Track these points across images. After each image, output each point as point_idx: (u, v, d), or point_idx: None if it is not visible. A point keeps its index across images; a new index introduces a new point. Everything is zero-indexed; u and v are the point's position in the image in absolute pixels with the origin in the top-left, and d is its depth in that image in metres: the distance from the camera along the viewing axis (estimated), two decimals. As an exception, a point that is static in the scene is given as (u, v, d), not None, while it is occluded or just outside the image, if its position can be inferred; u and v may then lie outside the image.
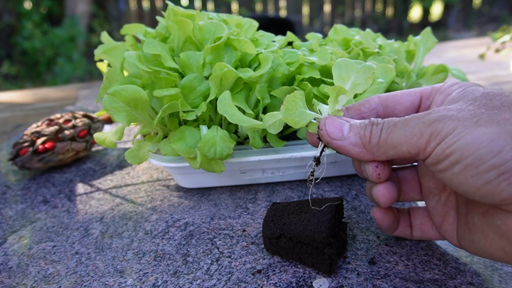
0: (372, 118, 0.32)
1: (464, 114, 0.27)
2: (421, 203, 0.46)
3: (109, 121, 0.72)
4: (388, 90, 0.52)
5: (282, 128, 0.37)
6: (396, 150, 0.30)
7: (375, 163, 0.33)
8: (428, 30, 0.59)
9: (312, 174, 0.35)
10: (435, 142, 0.27)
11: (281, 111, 0.33)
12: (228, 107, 0.41)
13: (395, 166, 0.40)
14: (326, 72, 0.48)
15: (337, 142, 0.32)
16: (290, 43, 0.62)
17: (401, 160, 0.38)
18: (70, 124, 0.64)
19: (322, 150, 0.35)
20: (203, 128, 0.45)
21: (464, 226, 0.32)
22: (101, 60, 0.59)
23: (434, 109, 0.29)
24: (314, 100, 0.36)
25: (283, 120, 0.35)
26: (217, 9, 4.01)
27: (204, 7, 4.01)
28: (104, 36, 0.56)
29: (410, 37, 0.59)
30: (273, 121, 0.36)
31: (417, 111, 0.35)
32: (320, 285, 0.35)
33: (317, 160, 0.35)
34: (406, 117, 0.30)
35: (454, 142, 0.26)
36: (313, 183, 0.35)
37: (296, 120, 0.33)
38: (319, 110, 0.35)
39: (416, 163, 0.39)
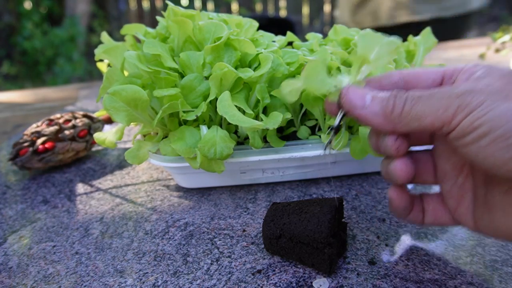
0: (396, 90, 0.31)
1: (492, 89, 0.27)
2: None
3: (109, 121, 0.72)
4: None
5: (298, 97, 0.35)
6: (420, 122, 0.29)
7: (394, 135, 0.32)
8: (428, 30, 0.59)
9: (330, 142, 0.34)
10: (462, 114, 0.27)
11: (301, 78, 0.32)
12: (227, 107, 0.41)
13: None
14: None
15: (359, 111, 0.31)
16: (290, 43, 0.62)
17: (419, 139, 0.37)
18: (70, 124, 0.64)
19: (342, 119, 0.34)
20: (203, 128, 0.45)
21: (482, 207, 0.31)
22: (101, 60, 0.59)
23: (462, 83, 0.29)
24: (334, 70, 0.34)
25: (301, 87, 0.34)
26: (217, 9, 4.01)
27: (204, 7, 4.01)
28: (104, 36, 0.56)
29: (410, 37, 0.59)
30: (290, 89, 0.34)
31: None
32: (320, 285, 0.35)
33: (336, 129, 0.34)
34: (432, 89, 0.30)
35: (483, 115, 0.26)
36: (329, 151, 0.34)
37: (316, 86, 0.33)
38: (340, 80, 0.34)
39: (431, 146, 0.38)
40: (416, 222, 0.37)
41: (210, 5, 4.04)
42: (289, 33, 0.61)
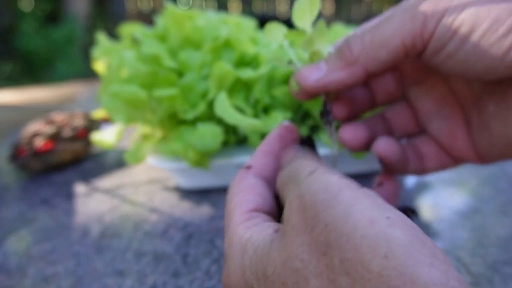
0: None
1: None
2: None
3: (108, 121, 0.71)
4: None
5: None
6: (388, 47, 0.25)
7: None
8: None
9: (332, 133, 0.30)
10: (433, 20, 0.23)
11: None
12: (225, 108, 0.41)
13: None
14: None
15: (322, 80, 0.27)
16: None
17: (386, 83, 0.33)
18: (69, 124, 0.64)
19: (325, 103, 0.30)
20: (200, 126, 0.45)
21: (480, 129, 0.29)
22: (99, 61, 0.59)
23: None
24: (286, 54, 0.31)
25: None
26: (216, 9, 4.01)
27: (203, 6, 4.01)
28: (100, 36, 0.56)
29: None
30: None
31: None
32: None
33: (322, 115, 0.30)
34: (389, 12, 0.26)
35: (460, 12, 0.22)
36: (336, 143, 0.30)
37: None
38: (293, 63, 0.30)
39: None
40: (417, 172, 0.33)
41: (210, 5, 4.04)
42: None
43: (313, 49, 0.29)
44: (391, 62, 0.26)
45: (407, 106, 0.33)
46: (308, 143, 0.30)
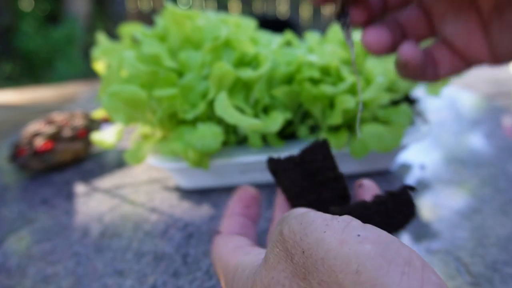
0: None
1: None
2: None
3: (108, 121, 0.71)
4: (388, 91, 0.51)
5: None
6: None
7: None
8: None
9: (348, 33, 0.28)
10: None
11: None
12: (225, 108, 0.41)
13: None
14: (326, 72, 0.48)
15: None
16: (289, 43, 0.62)
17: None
18: (69, 124, 0.64)
19: (345, 14, 0.29)
20: (200, 126, 0.45)
21: (502, 28, 0.28)
22: (99, 61, 0.59)
23: None
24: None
25: None
26: (216, 9, 4.01)
27: (203, 6, 4.01)
28: (100, 36, 0.56)
29: None
30: None
31: None
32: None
33: (339, 17, 0.28)
34: None
35: None
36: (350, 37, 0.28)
37: None
38: None
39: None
40: (433, 78, 0.33)
41: (210, 5, 4.04)
42: (288, 33, 0.61)
43: None
44: None
45: (421, 10, 0.32)
46: (323, 147, 0.30)
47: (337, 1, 0.28)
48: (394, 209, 0.26)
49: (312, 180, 0.30)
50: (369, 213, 0.26)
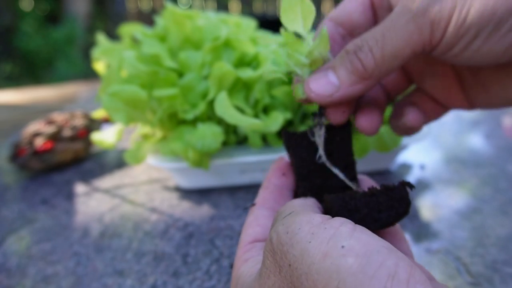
0: (347, 46, 0.27)
1: None
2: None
3: (107, 120, 0.71)
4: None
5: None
6: (400, 58, 0.26)
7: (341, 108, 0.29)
8: None
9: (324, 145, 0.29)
10: (439, 29, 0.24)
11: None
12: (225, 108, 0.41)
13: None
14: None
15: (337, 94, 0.27)
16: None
17: (395, 86, 0.34)
18: (69, 124, 0.64)
19: (321, 113, 0.29)
20: (200, 126, 0.45)
21: (475, 87, 0.30)
22: (99, 61, 0.59)
23: None
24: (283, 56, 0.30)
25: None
26: (217, 9, 4.01)
27: (203, 7, 4.01)
28: (100, 37, 0.56)
29: None
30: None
31: (373, 8, 0.31)
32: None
33: (315, 116, 0.29)
34: (387, 20, 0.26)
35: (463, 20, 0.23)
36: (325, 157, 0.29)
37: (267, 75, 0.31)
38: (292, 69, 0.29)
39: None
40: (414, 125, 0.33)
41: (210, 5, 4.04)
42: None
43: (313, 56, 0.28)
44: (402, 65, 0.28)
45: (401, 71, 0.34)
46: (344, 129, 0.30)
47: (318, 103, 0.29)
48: (386, 204, 0.25)
49: (321, 163, 0.30)
50: (357, 205, 0.25)
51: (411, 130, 0.33)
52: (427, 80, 0.33)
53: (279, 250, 0.20)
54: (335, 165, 0.30)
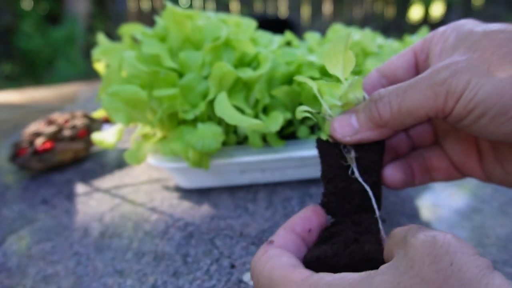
0: (373, 93, 0.30)
1: (473, 63, 0.26)
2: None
3: (108, 121, 0.71)
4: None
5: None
6: (414, 117, 0.28)
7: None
8: (424, 29, 0.58)
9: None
10: (452, 100, 0.26)
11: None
12: (225, 108, 0.41)
13: None
14: (326, 72, 0.48)
15: (355, 137, 0.31)
16: (288, 43, 0.62)
17: (422, 139, 0.37)
18: (69, 124, 0.64)
19: (345, 147, 0.32)
20: (200, 126, 0.45)
21: (492, 161, 0.31)
22: (99, 61, 0.59)
23: (440, 65, 0.28)
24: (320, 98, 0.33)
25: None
26: (217, 9, 4.01)
27: (203, 7, 4.01)
28: (100, 37, 0.56)
29: (406, 36, 0.58)
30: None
31: (416, 69, 0.34)
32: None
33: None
34: (413, 80, 0.28)
35: (473, 96, 0.25)
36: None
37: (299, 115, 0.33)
38: (325, 110, 0.33)
39: None
40: (424, 183, 0.36)
41: (210, 5, 4.04)
42: (287, 33, 0.61)
43: (347, 99, 0.31)
44: (416, 124, 0.30)
45: (429, 123, 0.37)
46: (378, 147, 0.32)
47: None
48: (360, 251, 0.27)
49: (346, 171, 0.32)
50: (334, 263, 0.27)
51: (389, 186, 0.35)
52: (449, 140, 0.34)
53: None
54: (365, 181, 0.32)
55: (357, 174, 0.31)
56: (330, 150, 0.32)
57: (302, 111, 0.33)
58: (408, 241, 0.23)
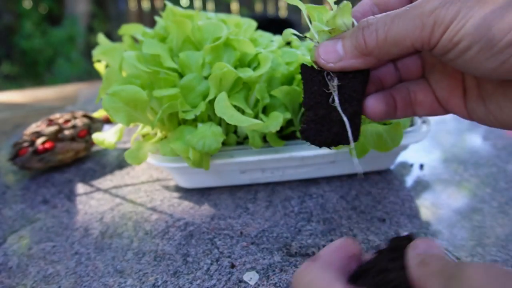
0: (361, 21, 0.29)
1: None
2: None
3: (108, 121, 0.71)
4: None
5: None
6: (399, 47, 0.27)
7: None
8: None
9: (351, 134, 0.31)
10: (439, 31, 0.26)
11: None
12: (225, 108, 0.41)
13: None
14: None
15: (339, 64, 0.30)
16: (288, 43, 0.62)
17: (408, 71, 0.36)
18: (69, 124, 0.64)
19: (328, 74, 0.32)
20: (200, 126, 0.45)
21: (476, 99, 0.31)
22: (99, 61, 0.59)
23: None
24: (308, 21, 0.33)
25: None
26: (217, 9, 4.01)
27: (203, 7, 4.01)
28: (100, 37, 0.56)
29: None
30: None
31: (410, 2, 0.33)
32: (251, 278, 0.35)
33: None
34: (402, 9, 0.27)
35: (460, 28, 0.25)
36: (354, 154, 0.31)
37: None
38: (313, 35, 0.32)
39: None
40: (406, 116, 0.35)
41: (210, 5, 4.04)
42: (287, 31, 0.61)
43: (335, 24, 0.31)
44: (401, 55, 0.30)
45: (417, 56, 0.35)
46: (361, 76, 0.31)
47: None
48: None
49: (328, 99, 0.31)
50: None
51: (369, 116, 0.34)
52: (435, 75, 0.33)
53: None
54: (344, 110, 0.31)
55: (337, 103, 0.31)
56: (314, 77, 0.32)
57: (288, 33, 0.33)
58: (461, 273, 0.20)
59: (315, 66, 0.32)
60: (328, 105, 0.32)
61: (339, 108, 0.31)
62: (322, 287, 0.23)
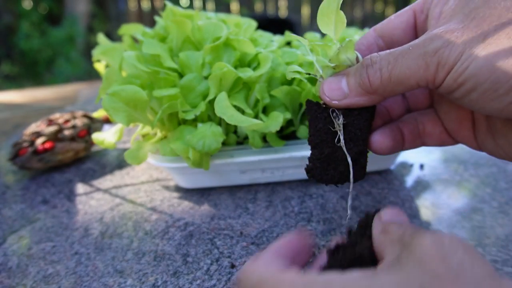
0: (365, 58, 0.29)
1: (468, 34, 0.25)
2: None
3: (108, 121, 0.71)
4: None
5: None
6: (404, 85, 0.27)
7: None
8: None
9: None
10: (443, 72, 0.25)
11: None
12: (225, 108, 0.41)
13: None
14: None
15: (344, 101, 0.30)
16: (289, 43, 0.62)
17: (416, 102, 0.36)
18: (69, 124, 0.64)
19: (334, 111, 0.32)
20: (200, 126, 0.45)
21: (485, 132, 0.31)
22: (99, 61, 0.59)
23: (435, 32, 0.26)
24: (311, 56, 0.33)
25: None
26: (217, 9, 4.01)
27: (203, 7, 4.01)
28: (100, 37, 0.56)
29: None
30: None
31: (415, 30, 0.33)
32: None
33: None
34: (405, 47, 0.27)
35: (464, 70, 0.24)
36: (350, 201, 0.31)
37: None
38: (317, 71, 0.33)
39: None
40: (415, 147, 0.35)
41: (210, 5, 4.04)
42: (287, 33, 0.61)
43: (338, 61, 0.31)
44: (407, 91, 0.30)
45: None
46: (367, 113, 0.31)
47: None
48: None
49: (333, 137, 0.31)
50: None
51: (377, 151, 0.34)
52: (444, 105, 0.33)
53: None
54: (349, 150, 0.31)
55: (342, 143, 0.31)
56: (319, 114, 0.32)
57: (292, 71, 0.33)
58: (413, 241, 0.21)
59: (321, 102, 0.32)
60: (334, 143, 0.31)
61: (344, 149, 0.31)
62: (273, 282, 0.22)
